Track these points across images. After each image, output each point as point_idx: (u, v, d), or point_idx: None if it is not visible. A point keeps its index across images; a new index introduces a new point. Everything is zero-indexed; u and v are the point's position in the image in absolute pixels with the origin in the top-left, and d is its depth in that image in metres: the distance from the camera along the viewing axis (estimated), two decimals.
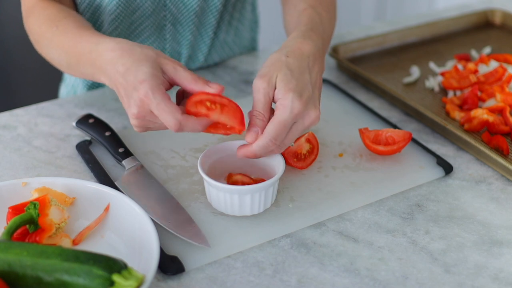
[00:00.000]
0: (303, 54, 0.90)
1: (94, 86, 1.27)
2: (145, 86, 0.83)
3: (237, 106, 0.86)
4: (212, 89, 0.85)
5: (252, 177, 0.94)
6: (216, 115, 0.86)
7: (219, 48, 1.31)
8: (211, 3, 1.21)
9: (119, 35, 1.19)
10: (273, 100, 0.87)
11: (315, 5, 1.04)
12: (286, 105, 0.84)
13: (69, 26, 1.01)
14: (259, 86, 0.86)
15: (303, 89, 0.86)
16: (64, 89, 1.37)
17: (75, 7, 1.15)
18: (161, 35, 1.22)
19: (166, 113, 0.83)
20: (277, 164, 0.91)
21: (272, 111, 0.87)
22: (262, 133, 0.85)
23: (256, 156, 0.87)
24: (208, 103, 0.85)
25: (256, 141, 0.85)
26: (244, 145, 0.87)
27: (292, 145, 0.93)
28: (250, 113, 0.87)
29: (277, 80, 0.86)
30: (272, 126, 0.84)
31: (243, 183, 0.92)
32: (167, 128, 0.87)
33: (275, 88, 0.86)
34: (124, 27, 1.19)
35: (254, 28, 1.40)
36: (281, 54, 0.90)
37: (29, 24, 1.09)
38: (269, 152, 0.87)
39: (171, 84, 0.88)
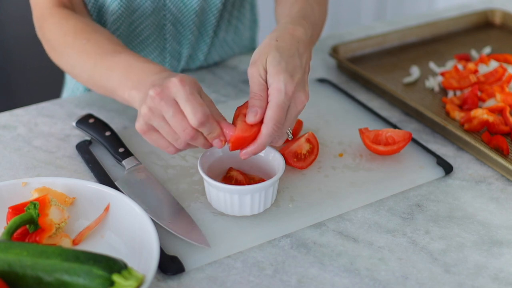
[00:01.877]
0: (293, 38, 0.90)
1: None
2: (183, 76, 0.83)
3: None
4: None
5: (250, 174, 0.95)
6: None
7: (219, 47, 1.31)
8: (211, 2, 1.21)
9: (120, 34, 1.19)
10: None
11: None
12: (279, 87, 0.84)
13: (103, 40, 1.01)
14: (252, 72, 0.86)
15: (294, 71, 0.86)
16: (65, 94, 1.37)
17: (86, 8, 1.14)
18: (161, 35, 1.22)
19: (195, 103, 0.82)
20: (277, 164, 0.91)
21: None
22: (261, 112, 0.84)
23: (264, 147, 0.85)
24: None
25: (261, 131, 0.85)
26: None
27: (290, 137, 0.92)
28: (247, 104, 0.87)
29: (267, 63, 0.86)
30: (271, 111, 0.84)
31: (237, 181, 0.93)
32: (164, 143, 0.86)
33: (266, 71, 0.86)
34: (125, 27, 1.19)
35: (253, 28, 1.40)
36: (271, 39, 0.90)
37: (46, 32, 1.07)
38: (275, 141, 0.86)
39: None
